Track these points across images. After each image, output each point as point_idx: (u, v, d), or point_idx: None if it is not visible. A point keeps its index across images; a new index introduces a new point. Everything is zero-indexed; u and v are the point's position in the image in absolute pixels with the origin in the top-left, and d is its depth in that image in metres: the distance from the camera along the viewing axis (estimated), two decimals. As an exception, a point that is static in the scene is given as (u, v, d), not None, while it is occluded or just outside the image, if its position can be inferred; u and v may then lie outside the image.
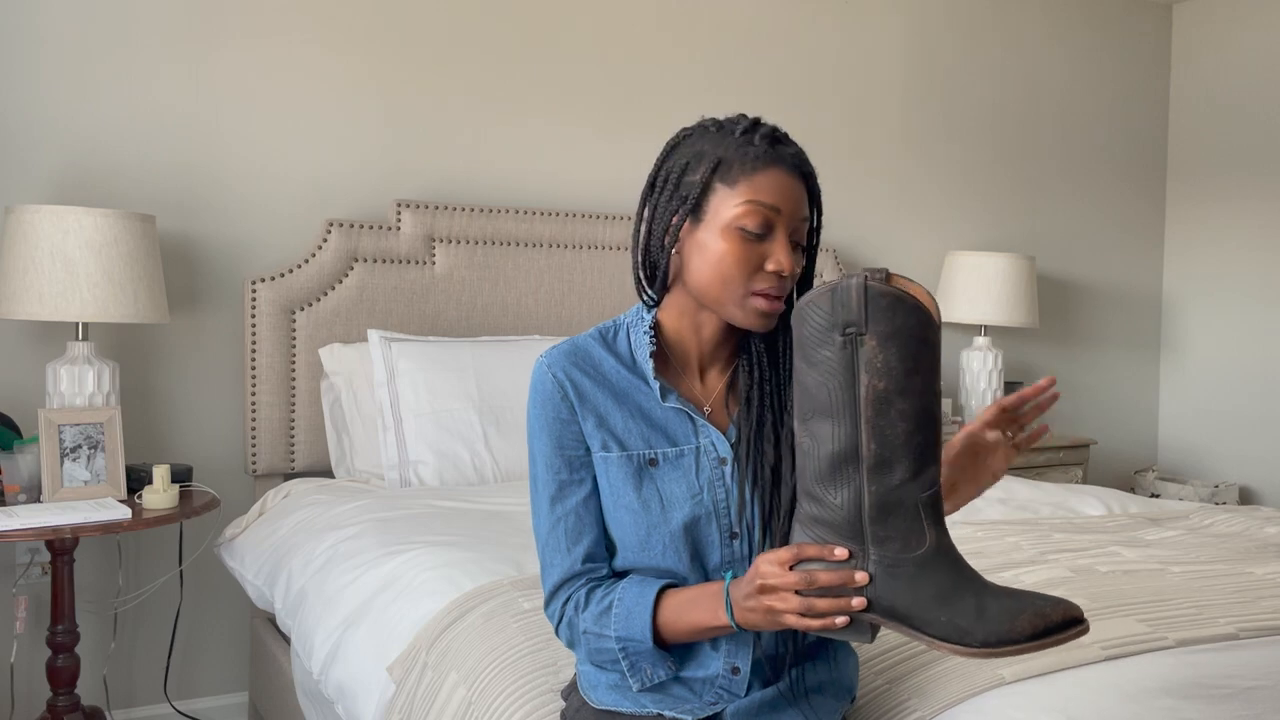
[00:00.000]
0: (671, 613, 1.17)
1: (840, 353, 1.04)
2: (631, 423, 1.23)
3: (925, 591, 1.02)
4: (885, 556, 1.04)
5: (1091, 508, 2.55)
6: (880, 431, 1.03)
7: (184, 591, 2.69)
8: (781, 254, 1.16)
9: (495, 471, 2.61)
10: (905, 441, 1.03)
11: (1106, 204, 4.26)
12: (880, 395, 1.02)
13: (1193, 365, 4.34)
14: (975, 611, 1.01)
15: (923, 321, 1.03)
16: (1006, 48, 4.00)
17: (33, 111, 2.53)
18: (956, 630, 1.01)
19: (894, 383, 1.02)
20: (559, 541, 1.24)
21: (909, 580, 1.03)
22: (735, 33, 3.46)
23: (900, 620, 1.03)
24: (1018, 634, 0.99)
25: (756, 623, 1.10)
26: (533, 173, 3.14)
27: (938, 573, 1.03)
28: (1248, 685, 1.40)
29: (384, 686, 1.69)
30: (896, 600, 1.03)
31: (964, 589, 1.02)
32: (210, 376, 2.74)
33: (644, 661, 1.20)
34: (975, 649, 1.00)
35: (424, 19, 2.98)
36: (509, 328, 3.00)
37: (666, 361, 1.26)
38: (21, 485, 2.27)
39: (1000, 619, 1.00)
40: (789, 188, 1.17)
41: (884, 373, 1.02)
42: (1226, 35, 4.20)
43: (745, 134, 1.18)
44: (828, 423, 1.05)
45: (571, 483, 1.24)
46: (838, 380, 1.04)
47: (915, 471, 1.04)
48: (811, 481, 1.07)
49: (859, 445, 1.04)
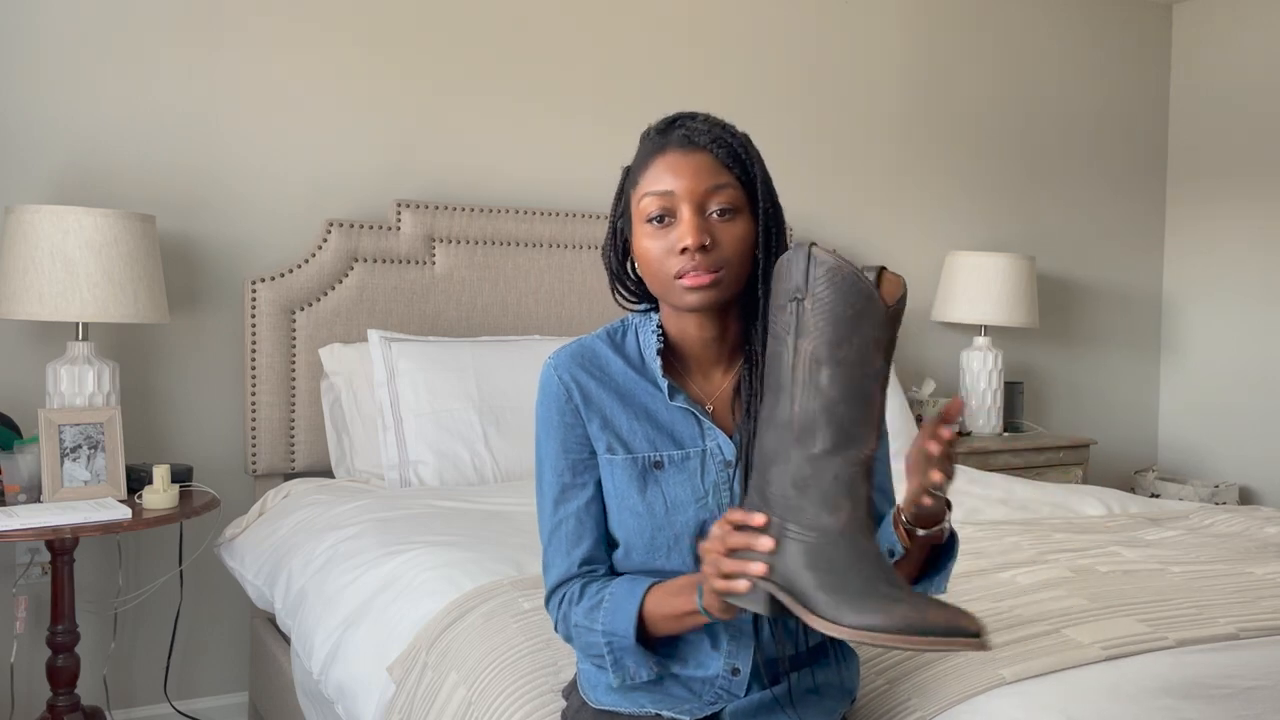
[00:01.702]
0: (655, 604, 1.17)
1: (788, 319, 1.05)
2: (637, 425, 1.23)
3: (822, 570, 1.01)
4: (795, 528, 1.03)
5: (1091, 508, 2.55)
6: (807, 396, 1.03)
7: (184, 591, 2.69)
8: (683, 229, 1.15)
9: (495, 471, 2.61)
10: (827, 410, 1.02)
11: (1106, 204, 4.26)
12: (813, 358, 1.03)
13: (1193, 365, 4.34)
14: (860, 598, 0.99)
15: (861, 294, 1.02)
16: (1006, 48, 4.00)
17: (33, 111, 2.53)
18: (834, 609, 0.99)
19: (822, 347, 1.02)
20: (560, 544, 1.25)
21: (811, 557, 1.01)
22: (735, 33, 3.46)
23: (791, 595, 1.02)
24: (895, 626, 0.97)
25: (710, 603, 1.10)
26: (533, 173, 3.14)
27: (839, 551, 1.01)
28: (1248, 685, 1.40)
29: (384, 686, 1.69)
30: (793, 573, 1.02)
31: (865, 571, 1.00)
32: (210, 376, 2.74)
33: (627, 658, 1.19)
34: (846, 628, 0.98)
35: (424, 19, 2.98)
36: (509, 328, 3.00)
37: (674, 361, 1.26)
38: (21, 485, 2.27)
39: (885, 611, 0.97)
40: (679, 165, 1.16)
41: (813, 335, 1.03)
42: (1226, 35, 4.20)
43: (646, 137, 1.22)
44: (775, 394, 1.06)
45: (574, 486, 1.24)
46: (789, 347, 1.05)
47: (836, 444, 1.03)
48: (758, 453, 1.08)
49: (792, 412, 1.04)
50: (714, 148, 1.17)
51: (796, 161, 3.58)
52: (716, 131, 1.18)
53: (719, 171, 1.16)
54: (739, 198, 1.17)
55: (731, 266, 1.16)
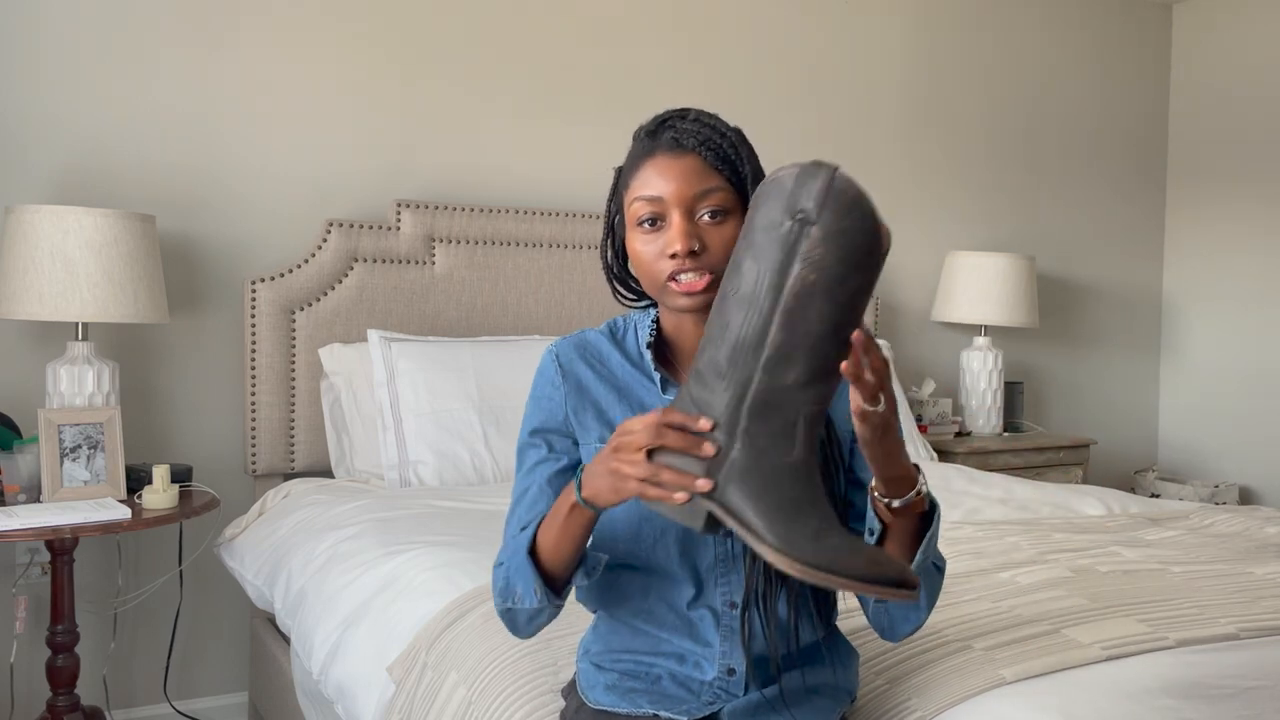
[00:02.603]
0: (545, 528, 1.16)
1: (783, 238, 1.00)
2: (630, 416, 1.23)
3: (771, 498, 0.98)
4: (747, 454, 1.00)
5: (1091, 508, 2.55)
6: (792, 325, 0.99)
7: (184, 591, 2.69)
8: (673, 234, 1.15)
9: (495, 471, 2.61)
10: (813, 344, 0.99)
11: (1106, 204, 4.26)
12: (806, 289, 0.99)
13: (1193, 365, 4.34)
14: (813, 534, 0.97)
15: (872, 232, 0.99)
16: (1006, 48, 4.00)
17: (33, 111, 2.53)
18: (786, 541, 0.97)
19: (824, 280, 0.98)
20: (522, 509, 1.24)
21: (761, 482, 0.99)
22: (735, 33, 3.46)
23: (738, 519, 0.99)
24: (842, 567, 0.95)
25: (601, 490, 1.07)
26: (533, 173, 3.14)
27: (794, 487, 0.99)
28: (1248, 685, 1.40)
29: (384, 686, 1.70)
30: (742, 498, 0.99)
31: (810, 512, 0.98)
32: (210, 376, 2.74)
33: (516, 580, 1.17)
34: (796, 561, 0.96)
35: (424, 19, 2.98)
36: (509, 328, 3.00)
37: (670, 356, 1.27)
38: (21, 485, 2.27)
39: (834, 549, 0.96)
40: (668, 169, 1.16)
41: (818, 266, 0.98)
42: (1226, 35, 4.20)
43: (636, 138, 1.22)
44: (743, 309, 1.01)
45: (548, 460, 1.25)
46: (770, 265, 1.00)
47: (809, 379, 1.00)
48: (705, 362, 1.03)
49: (766, 335, 1.00)
50: (703, 150, 1.16)
51: (795, 161, 3.57)
52: (705, 133, 1.17)
53: (708, 175, 1.16)
54: (729, 199, 1.17)
55: (721, 269, 1.15)
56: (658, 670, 1.24)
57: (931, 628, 1.50)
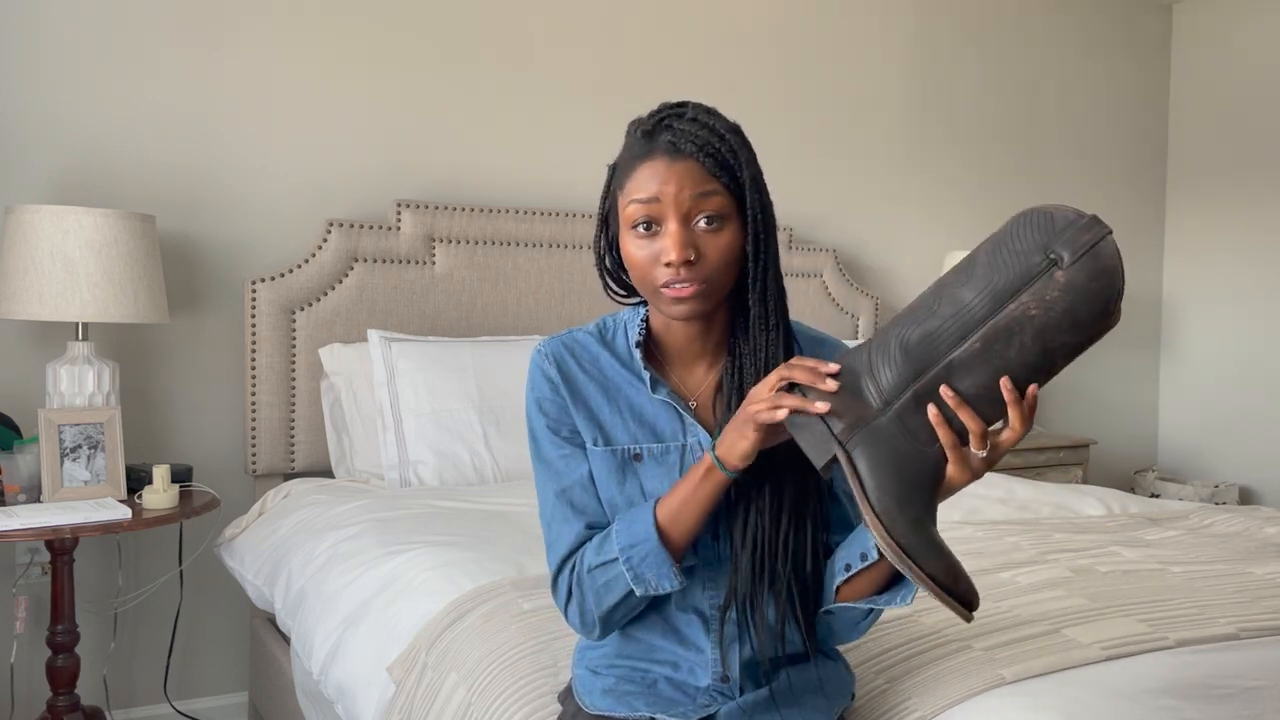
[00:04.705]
0: (666, 500, 1.15)
1: (1028, 267, 1.01)
2: (619, 417, 1.22)
3: (894, 473, 1.03)
4: (893, 427, 1.04)
5: (1091, 508, 2.55)
6: (990, 345, 1.01)
7: (184, 591, 2.69)
8: (669, 243, 1.13)
9: (495, 471, 2.61)
10: (996, 370, 1.01)
11: (1106, 204, 4.26)
12: (1023, 320, 1.00)
13: (1193, 366, 4.34)
14: (913, 522, 1.02)
15: (1108, 305, 1.01)
16: (1006, 48, 4.00)
17: (33, 111, 2.53)
18: (888, 515, 1.02)
19: (1042, 321, 1.00)
20: (565, 511, 1.22)
21: (892, 455, 1.03)
22: (735, 33, 3.46)
23: (855, 474, 1.04)
24: (924, 563, 1.00)
25: (730, 440, 1.10)
26: (533, 173, 3.14)
27: (917, 474, 1.03)
28: (1248, 685, 1.40)
29: (384, 687, 1.70)
30: (870, 460, 1.03)
31: (919, 502, 1.03)
32: (210, 376, 2.74)
33: (647, 568, 1.14)
34: (889, 536, 1.01)
35: (424, 19, 2.98)
36: (509, 328, 3.00)
37: (658, 355, 1.26)
38: (21, 485, 2.27)
39: (925, 543, 1.01)
40: (665, 173, 1.13)
41: (1045, 306, 1.00)
42: (1226, 35, 4.20)
43: (631, 134, 1.19)
44: (955, 306, 1.04)
45: (573, 457, 1.23)
46: (1003, 282, 1.02)
47: (971, 398, 1.02)
48: (895, 335, 1.06)
49: (964, 341, 1.02)
50: (700, 155, 1.13)
51: (795, 160, 3.58)
52: (704, 136, 1.14)
53: (706, 180, 1.13)
54: (726, 204, 1.14)
55: (717, 277, 1.15)
56: (654, 675, 1.24)
57: (931, 627, 1.50)
